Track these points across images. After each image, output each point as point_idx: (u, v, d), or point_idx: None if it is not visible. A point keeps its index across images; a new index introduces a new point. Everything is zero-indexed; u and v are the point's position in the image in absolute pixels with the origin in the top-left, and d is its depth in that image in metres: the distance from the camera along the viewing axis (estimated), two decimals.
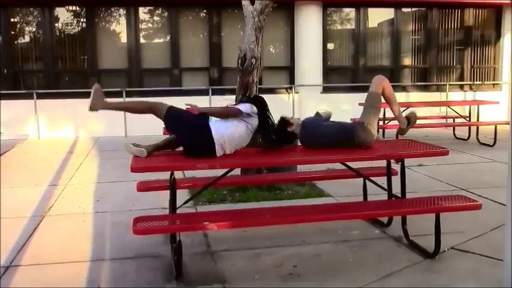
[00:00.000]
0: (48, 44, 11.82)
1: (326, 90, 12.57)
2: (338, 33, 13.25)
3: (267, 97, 4.30)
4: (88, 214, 5.37)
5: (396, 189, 4.50)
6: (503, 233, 3.31)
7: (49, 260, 4.08)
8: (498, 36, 13.66)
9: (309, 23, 12.33)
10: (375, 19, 13.31)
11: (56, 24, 11.98)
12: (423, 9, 13.35)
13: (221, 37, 12.33)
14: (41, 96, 11.26)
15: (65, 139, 10.97)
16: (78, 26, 12.17)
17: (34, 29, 12.06)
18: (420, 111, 10.21)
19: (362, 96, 4.82)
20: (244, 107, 4.02)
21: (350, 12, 13.01)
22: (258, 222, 3.92)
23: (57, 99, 11.35)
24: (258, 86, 6.27)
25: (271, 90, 11.97)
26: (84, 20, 12.04)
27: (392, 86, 4.43)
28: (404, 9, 13.26)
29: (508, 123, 3.18)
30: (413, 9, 13.40)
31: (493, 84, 13.73)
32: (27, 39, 12.11)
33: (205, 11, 12.44)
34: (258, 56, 6.10)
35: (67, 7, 12.01)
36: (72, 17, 12.14)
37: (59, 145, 10.19)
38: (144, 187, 4.59)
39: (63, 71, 12.14)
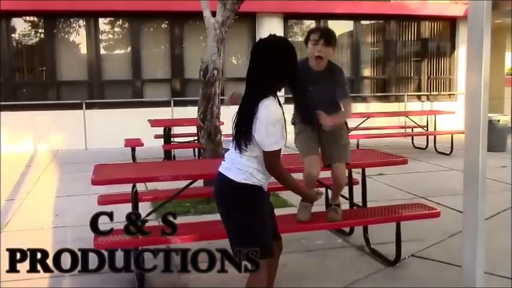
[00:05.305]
0: (5, 56, 11.48)
1: (288, 101, 12.60)
2: (299, 45, 13.32)
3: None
4: (47, 229, 5.24)
5: (357, 198, 4.58)
6: (461, 240, 3.40)
7: (6, 277, 3.95)
8: (453, 48, 14.11)
9: None
10: (335, 31, 13.40)
11: (13, 35, 11.70)
12: (381, 21, 13.68)
13: (183, 48, 12.30)
14: None
15: (23, 153, 10.65)
16: (36, 37, 11.93)
17: None
18: (380, 121, 10.52)
19: None
20: None
21: (310, 24, 13.18)
22: (222, 235, 3.89)
23: (15, 112, 11.01)
24: (221, 97, 6.28)
25: None
26: (43, 30, 11.82)
27: (353, 97, 4.44)
28: (363, 22, 13.58)
29: (464, 133, 3.29)
30: (372, 21, 13.73)
31: (449, 95, 14.14)
32: None
33: (166, 22, 12.40)
34: (220, 67, 6.13)
35: (24, 18, 11.76)
36: (30, 28, 11.90)
37: (16, 159, 9.90)
38: (105, 200, 4.50)
39: (21, 83, 11.83)
